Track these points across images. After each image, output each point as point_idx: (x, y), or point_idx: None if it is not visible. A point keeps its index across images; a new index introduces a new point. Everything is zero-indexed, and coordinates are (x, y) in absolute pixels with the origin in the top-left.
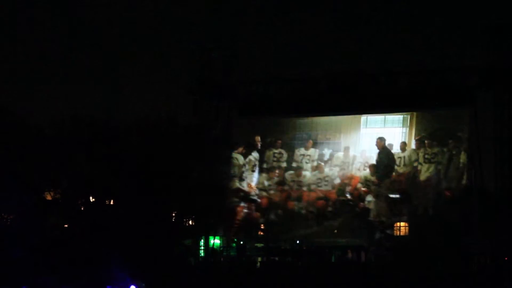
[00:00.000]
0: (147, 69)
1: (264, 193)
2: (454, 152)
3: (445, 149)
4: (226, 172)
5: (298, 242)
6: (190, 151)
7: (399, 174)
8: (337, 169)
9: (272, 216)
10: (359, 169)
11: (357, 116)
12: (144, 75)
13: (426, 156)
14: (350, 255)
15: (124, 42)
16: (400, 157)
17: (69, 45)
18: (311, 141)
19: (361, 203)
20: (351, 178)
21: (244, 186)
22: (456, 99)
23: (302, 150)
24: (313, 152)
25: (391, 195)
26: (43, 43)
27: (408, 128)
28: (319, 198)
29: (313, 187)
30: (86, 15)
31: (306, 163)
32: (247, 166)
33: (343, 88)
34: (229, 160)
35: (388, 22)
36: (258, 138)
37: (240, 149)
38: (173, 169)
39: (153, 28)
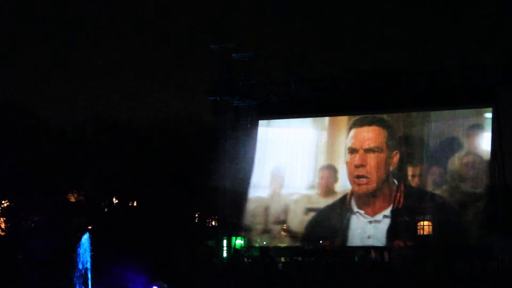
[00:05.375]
0: (168, 70)
1: None
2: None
3: None
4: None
5: (321, 242)
6: (211, 152)
7: None
8: None
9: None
10: None
11: None
12: (165, 76)
13: None
14: (373, 255)
15: (145, 44)
16: None
17: (91, 47)
18: None
19: None
20: None
21: None
22: (477, 97)
23: None
24: None
25: None
26: (65, 46)
27: None
28: None
29: None
30: (109, 18)
31: None
32: None
33: (362, 87)
34: (251, 160)
35: (408, 21)
36: None
37: None
38: (195, 170)
39: (174, 29)
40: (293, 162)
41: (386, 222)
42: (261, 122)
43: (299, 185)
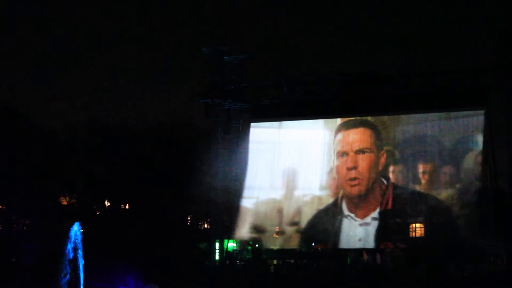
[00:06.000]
0: (161, 73)
1: None
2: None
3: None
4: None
5: (314, 244)
6: (203, 155)
7: None
8: None
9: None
10: None
11: None
12: (158, 79)
13: None
14: (365, 257)
15: (138, 46)
16: None
17: (84, 50)
18: None
19: None
20: None
21: None
22: (469, 100)
23: None
24: None
25: None
26: (59, 49)
27: None
28: None
29: None
30: (103, 21)
31: None
32: None
33: (356, 89)
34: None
35: (401, 23)
36: None
37: None
38: (187, 172)
39: (167, 31)
40: (304, 163)
41: (375, 224)
42: (270, 124)
43: (311, 186)
